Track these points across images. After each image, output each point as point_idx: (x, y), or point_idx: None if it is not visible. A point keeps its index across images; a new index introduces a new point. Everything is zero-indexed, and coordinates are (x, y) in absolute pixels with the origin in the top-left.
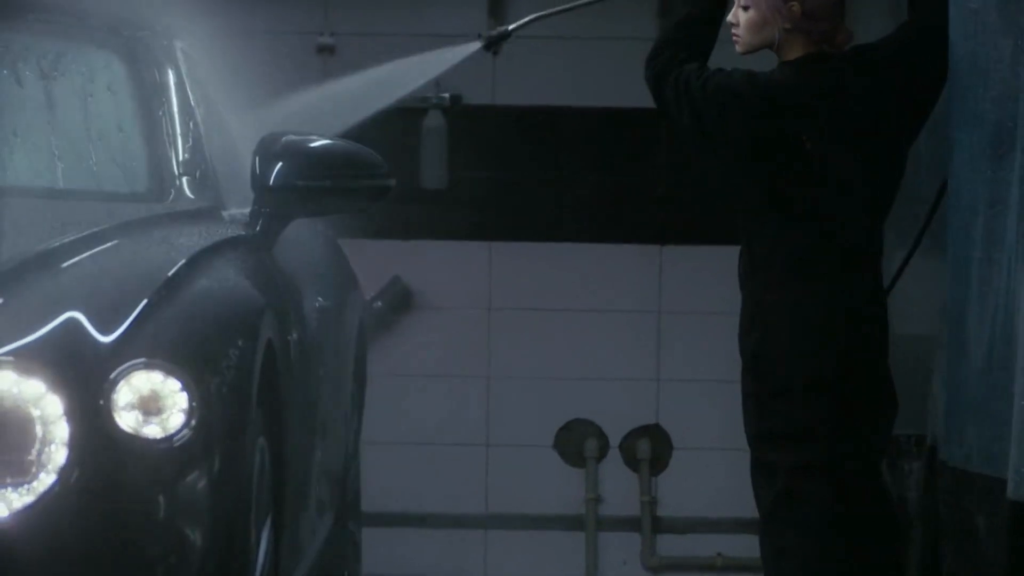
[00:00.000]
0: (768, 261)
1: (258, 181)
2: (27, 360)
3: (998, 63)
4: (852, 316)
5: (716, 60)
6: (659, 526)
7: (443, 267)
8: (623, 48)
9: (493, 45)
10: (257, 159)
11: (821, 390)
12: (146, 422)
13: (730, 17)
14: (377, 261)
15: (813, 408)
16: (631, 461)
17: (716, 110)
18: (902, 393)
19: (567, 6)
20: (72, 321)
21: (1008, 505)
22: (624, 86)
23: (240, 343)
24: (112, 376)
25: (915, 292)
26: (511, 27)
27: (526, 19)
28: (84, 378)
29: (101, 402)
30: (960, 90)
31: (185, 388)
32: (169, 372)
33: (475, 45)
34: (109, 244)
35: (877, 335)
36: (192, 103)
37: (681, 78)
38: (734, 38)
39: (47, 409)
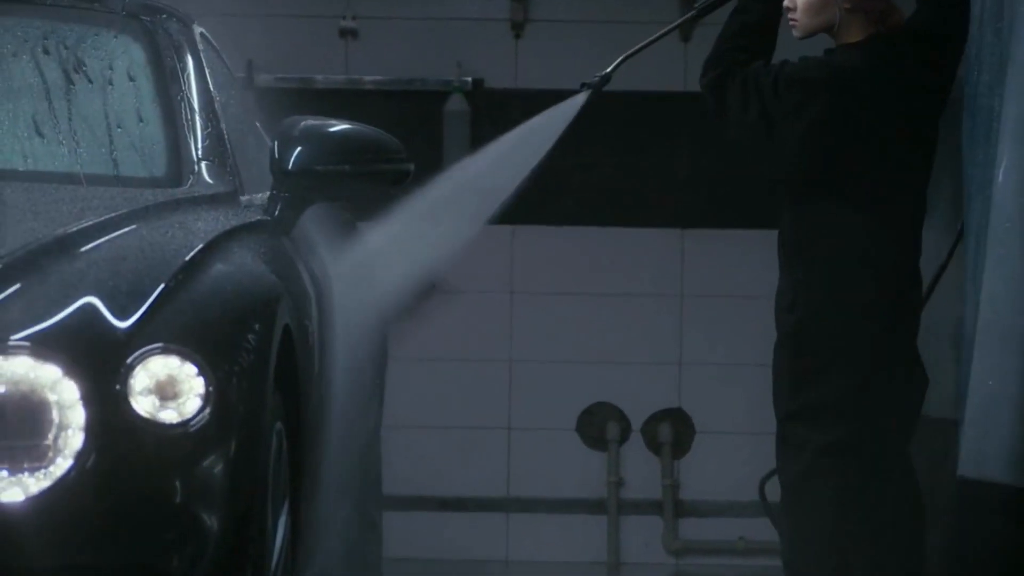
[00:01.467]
0: (813, 240)
1: (277, 166)
2: (44, 345)
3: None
4: (893, 296)
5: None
6: (681, 510)
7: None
8: (645, 32)
9: (597, 90)
10: (276, 144)
11: (858, 370)
12: (163, 407)
13: (787, 2)
14: None
15: (848, 387)
16: (653, 444)
17: (792, 100)
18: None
19: (653, 38)
20: (89, 306)
21: (957, 482)
22: (646, 70)
23: (257, 328)
24: (129, 361)
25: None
26: (609, 70)
27: (619, 59)
28: (101, 363)
29: (118, 387)
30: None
31: (202, 373)
32: (186, 357)
33: (582, 95)
34: (126, 229)
35: (913, 315)
36: (211, 88)
37: (749, 76)
38: (791, 22)
39: (64, 394)
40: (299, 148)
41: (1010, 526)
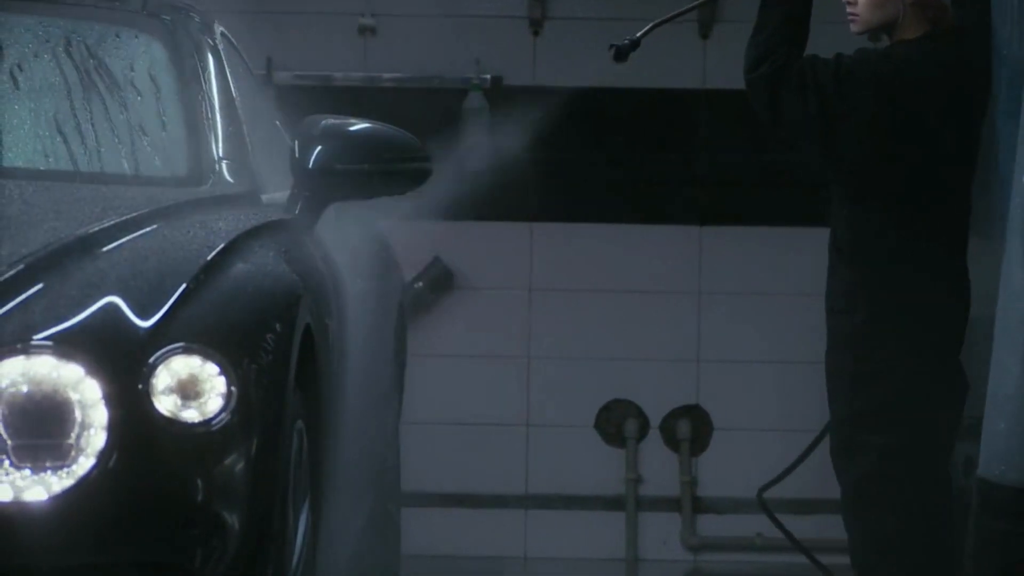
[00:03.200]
0: (874, 241)
1: (297, 165)
2: (66, 345)
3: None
4: (952, 296)
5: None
6: (699, 506)
7: (484, 248)
8: (664, 29)
9: (624, 54)
10: (296, 143)
11: (922, 371)
12: (184, 406)
13: None
14: (418, 242)
15: (912, 388)
16: (671, 441)
17: (857, 95)
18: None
19: (685, 9)
20: (111, 306)
21: (977, 482)
22: (665, 67)
23: (278, 327)
24: (151, 360)
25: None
26: (639, 35)
27: (649, 25)
28: (123, 362)
29: (140, 386)
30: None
31: (223, 372)
32: (207, 356)
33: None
34: (148, 229)
35: (965, 316)
36: (231, 87)
37: (806, 70)
38: (850, 17)
39: (86, 393)
40: (319, 147)
41: (1020, 529)
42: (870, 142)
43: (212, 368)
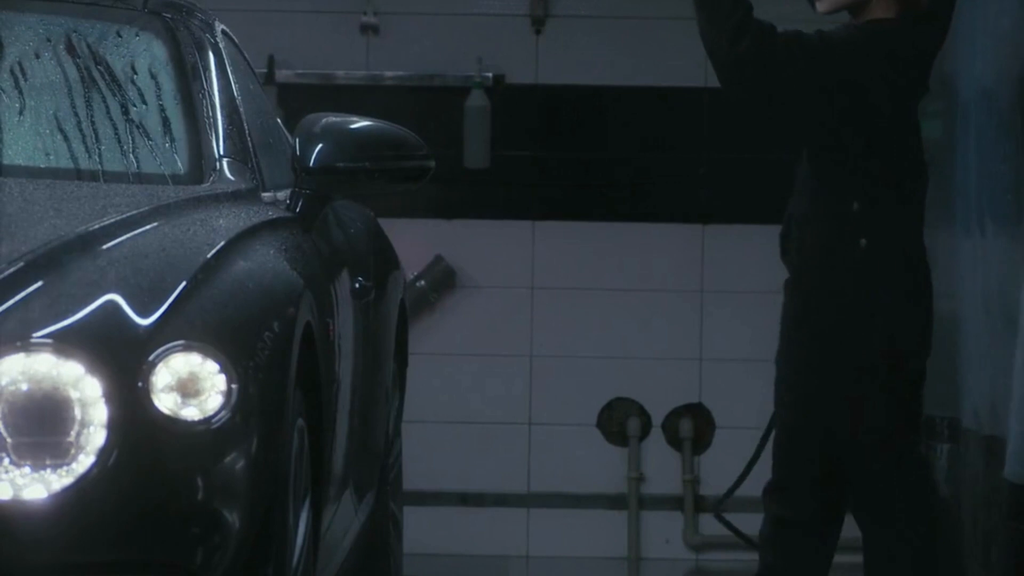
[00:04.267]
0: (895, 254)
1: (298, 162)
2: (66, 343)
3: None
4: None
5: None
6: (701, 505)
7: (486, 246)
8: (665, 28)
9: None
10: (297, 141)
11: (922, 375)
12: (184, 404)
13: None
14: (419, 240)
15: (920, 394)
16: (673, 440)
17: (845, 61)
18: (935, 374)
19: None
20: (111, 304)
21: (1006, 487)
22: (667, 65)
23: (279, 325)
24: (151, 358)
25: (949, 272)
26: None
27: None
28: (123, 360)
29: (140, 384)
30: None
31: (223, 370)
32: (207, 354)
33: None
34: (148, 227)
35: None
36: (232, 85)
37: (789, 36)
38: None
39: (86, 391)
40: (320, 145)
41: None
42: (875, 112)
43: (212, 366)
